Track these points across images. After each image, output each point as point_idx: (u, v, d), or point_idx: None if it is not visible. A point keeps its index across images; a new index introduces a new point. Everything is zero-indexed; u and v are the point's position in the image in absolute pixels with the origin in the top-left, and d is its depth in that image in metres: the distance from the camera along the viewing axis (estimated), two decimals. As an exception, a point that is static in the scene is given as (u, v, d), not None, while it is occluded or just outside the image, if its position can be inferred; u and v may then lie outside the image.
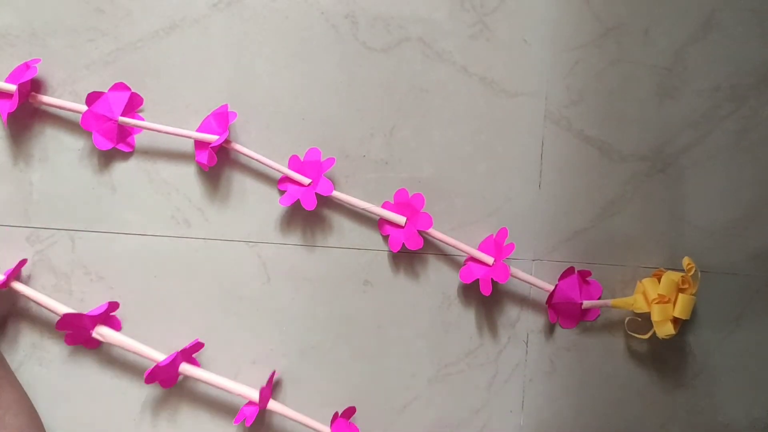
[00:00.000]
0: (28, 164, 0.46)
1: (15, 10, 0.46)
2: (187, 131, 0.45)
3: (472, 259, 0.47)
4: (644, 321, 0.48)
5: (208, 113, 0.46)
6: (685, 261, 0.47)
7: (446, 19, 0.48)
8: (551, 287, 0.47)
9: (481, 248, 0.47)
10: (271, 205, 0.47)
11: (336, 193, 0.46)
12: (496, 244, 0.47)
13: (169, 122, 0.46)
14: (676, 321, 0.46)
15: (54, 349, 0.46)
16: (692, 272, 0.46)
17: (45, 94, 0.46)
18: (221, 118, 0.45)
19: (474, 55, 0.48)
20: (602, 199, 0.50)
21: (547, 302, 0.48)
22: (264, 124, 0.47)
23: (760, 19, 0.50)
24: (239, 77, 0.47)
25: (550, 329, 0.49)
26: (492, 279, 0.46)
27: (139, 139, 0.46)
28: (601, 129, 0.49)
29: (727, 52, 0.50)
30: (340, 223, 0.48)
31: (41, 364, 0.46)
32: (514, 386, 0.49)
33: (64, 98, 0.46)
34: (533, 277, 0.48)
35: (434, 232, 0.47)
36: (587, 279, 0.48)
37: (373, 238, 0.48)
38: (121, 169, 0.46)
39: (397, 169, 0.48)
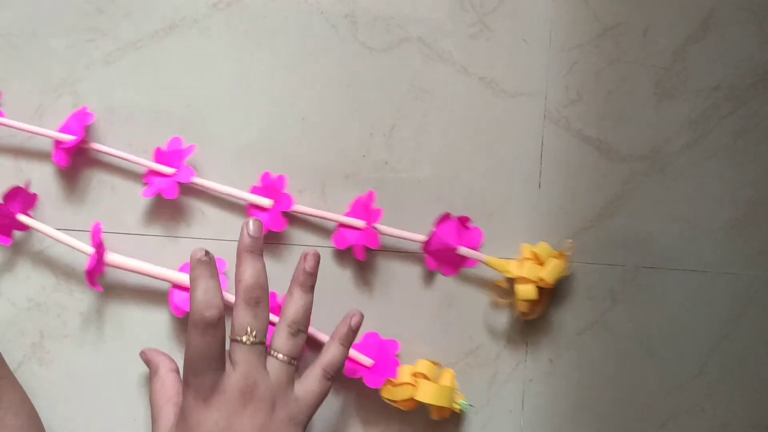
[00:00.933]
0: (28, 164, 0.46)
1: (15, 10, 0.46)
2: (44, 130, 0.45)
3: (343, 225, 0.46)
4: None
5: (208, 113, 0.47)
6: (567, 242, 0.47)
7: (446, 19, 0.48)
8: (425, 238, 0.47)
9: (350, 213, 0.47)
10: (271, 205, 0.47)
11: (197, 180, 0.46)
12: (366, 208, 0.46)
13: (168, 122, 0.46)
14: (542, 294, 0.46)
15: (54, 349, 0.46)
16: (569, 252, 0.47)
17: (44, 95, 0.46)
18: (80, 119, 0.45)
19: (474, 55, 0.48)
20: (602, 199, 0.50)
21: (423, 249, 0.47)
22: (264, 123, 0.47)
23: (759, 19, 0.50)
24: (239, 77, 0.47)
25: (550, 329, 0.49)
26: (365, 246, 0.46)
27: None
28: (600, 129, 0.49)
29: (726, 52, 0.50)
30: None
31: (41, 364, 0.46)
32: (514, 386, 0.49)
33: (64, 98, 0.46)
34: (403, 231, 0.47)
35: (299, 207, 0.46)
36: (467, 225, 0.48)
37: (373, 238, 0.48)
38: (121, 168, 0.46)
39: (397, 169, 0.48)
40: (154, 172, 0.46)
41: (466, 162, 0.49)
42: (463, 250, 0.47)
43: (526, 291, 0.45)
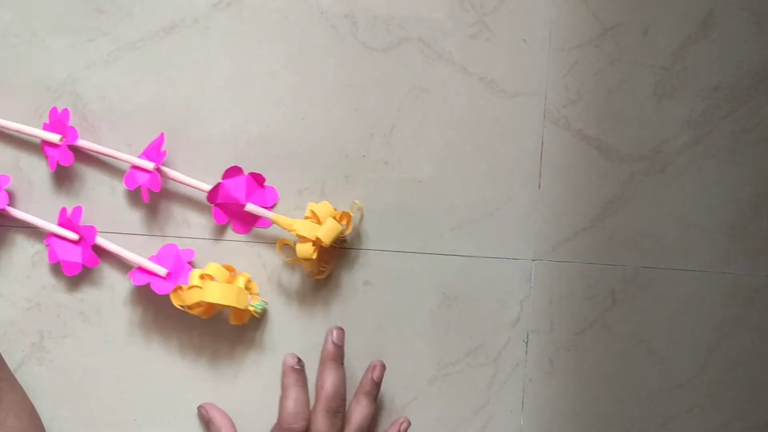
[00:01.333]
0: (28, 163, 0.46)
1: (15, 9, 0.46)
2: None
3: (135, 167, 0.46)
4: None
5: (208, 113, 0.47)
6: (355, 203, 0.47)
7: (446, 19, 0.48)
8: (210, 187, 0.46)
9: (143, 156, 0.46)
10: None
11: None
12: (156, 150, 0.46)
13: (169, 122, 0.46)
14: (327, 254, 0.46)
15: (54, 349, 0.46)
16: (357, 213, 0.47)
17: (44, 95, 0.46)
18: None
19: (474, 55, 0.48)
20: (602, 199, 0.50)
21: (208, 200, 0.46)
22: (264, 123, 0.47)
23: (759, 19, 0.50)
24: (239, 77, 0.47)
25: (550, 329, 0.49)
26: (150, 189, 0.45)
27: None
28: (599, 129, 0.49)
29: (725, 52, 0.50)
30: (340, 222, 0.48)
31: (41, 364, 0.46)
32: (514, 386, 0.49)
33: (64, 99, 0.46)
34: (191, 178, 0.46)
35: (84, 142, 0.45)
36: (263, 184, 0.47)
37: (373, 238, 0.48)
38: (121, 169, 0.46)
39: (397, 169, 0.48)
40: None
41: (466, 162, 0.49)
42: (252, 207, 0.46)
43: (302, 249, 0.45)
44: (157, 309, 0.47)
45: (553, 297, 0.49)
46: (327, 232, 0.44)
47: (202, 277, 0.44)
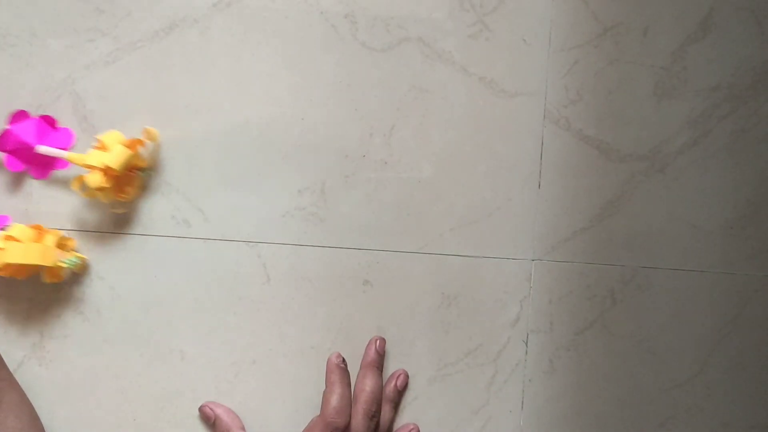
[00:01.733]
0: (27, 164, 0.46)
1: (15, 10, 0.46)
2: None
3: None
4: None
5: (208, 112, 0.47)
6: (148, 130, 0.46)
7: (446, 19, 0.48)
8: None
9: None
10: (272, 204, 0.47)
11: None
12: None
13: (169, 122, 0.46)
14: (125, 184, 0.45)
15: (54, 349, 0.46)
16: (149, 140, 0.46)
17: (44, 95, 0.46)
18: None
19: (473, 55, 0.48)
20: (601, 199, 0.50)
21: None
22: (264, 123, 0.47)
23: (759, 19, 0.50)
24: (239, 77, 0.47)
25: (550, 329, 0.49)
26: None
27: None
28: (599, 129, 0.49)
29: (725, 52, 0.50)
30: (339, 222, 0.48)
31: (41, 364, 0.46)
32: (514, 386, 0.49)
33: (64, 99, 0.46)
34: None
35: None
36: (55, 126, 0.46)
37: (374, 238, 0.48)
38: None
39: (397, 169, 0.48)
40: None
41: (466, 162, 0.49)
42: (43, 149, 0.45)
43: (92, 179, 0.44)
44: (160, 304, 0.47)
45: (552, 297, 0.49)
46: (114, 158, 0.44)
47: (7, 238, 0.43)
